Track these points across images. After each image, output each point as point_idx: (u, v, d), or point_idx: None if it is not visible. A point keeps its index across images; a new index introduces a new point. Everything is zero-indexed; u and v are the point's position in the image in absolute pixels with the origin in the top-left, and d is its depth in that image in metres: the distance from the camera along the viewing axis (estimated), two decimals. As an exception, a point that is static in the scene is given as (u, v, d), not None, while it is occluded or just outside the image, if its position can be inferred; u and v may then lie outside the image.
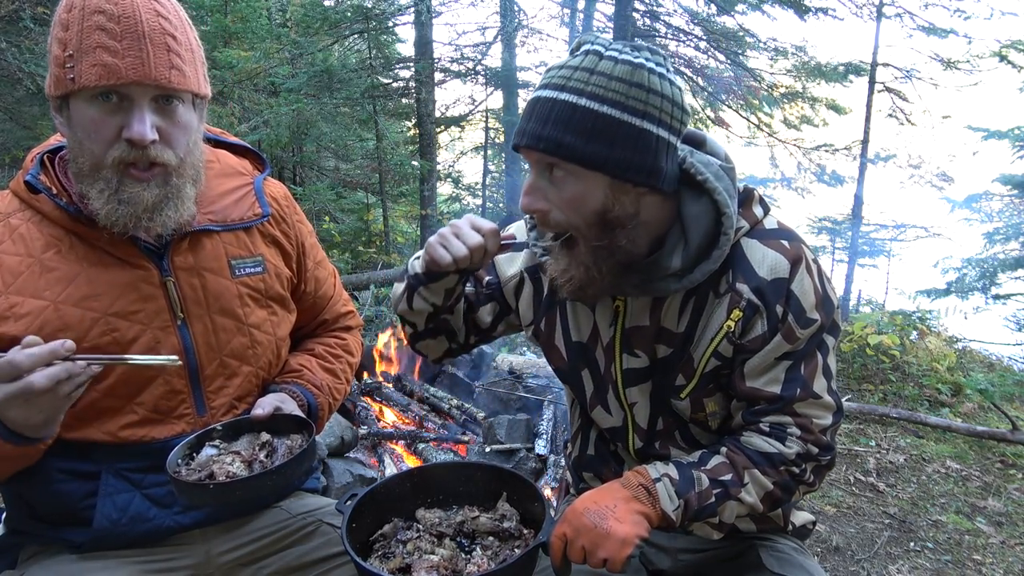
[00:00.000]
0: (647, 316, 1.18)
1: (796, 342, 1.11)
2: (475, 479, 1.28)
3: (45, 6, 5.49)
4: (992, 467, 3.89)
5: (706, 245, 1.10)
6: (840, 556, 2.92)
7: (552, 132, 1.01)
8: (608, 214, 1.06)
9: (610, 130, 1.00)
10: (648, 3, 9.09)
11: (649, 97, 1.00)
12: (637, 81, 0.99)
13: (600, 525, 1.06)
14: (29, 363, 0.94)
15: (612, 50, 1.01)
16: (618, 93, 0.99)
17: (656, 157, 1.03)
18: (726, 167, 1.13)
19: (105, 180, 1.09)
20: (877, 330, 5.33)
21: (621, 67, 0.99)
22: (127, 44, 1.02)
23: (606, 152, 1.00)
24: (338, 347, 1.51)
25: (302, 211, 1.47)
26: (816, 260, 1.15)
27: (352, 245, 8.35)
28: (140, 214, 1.10)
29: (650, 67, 1.01)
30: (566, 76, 1.02)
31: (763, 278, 1.10)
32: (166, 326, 1.19)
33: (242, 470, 1.12)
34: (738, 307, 1.11)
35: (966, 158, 9.43)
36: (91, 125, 1.06)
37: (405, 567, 1.11)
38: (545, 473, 3.13)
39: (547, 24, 16.18)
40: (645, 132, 1.01)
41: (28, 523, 1.22)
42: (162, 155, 1.09)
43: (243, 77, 7.00)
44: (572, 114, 1.00)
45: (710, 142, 1.16)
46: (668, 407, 1.23)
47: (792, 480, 1.14)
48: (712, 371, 1.16)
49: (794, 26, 15.88)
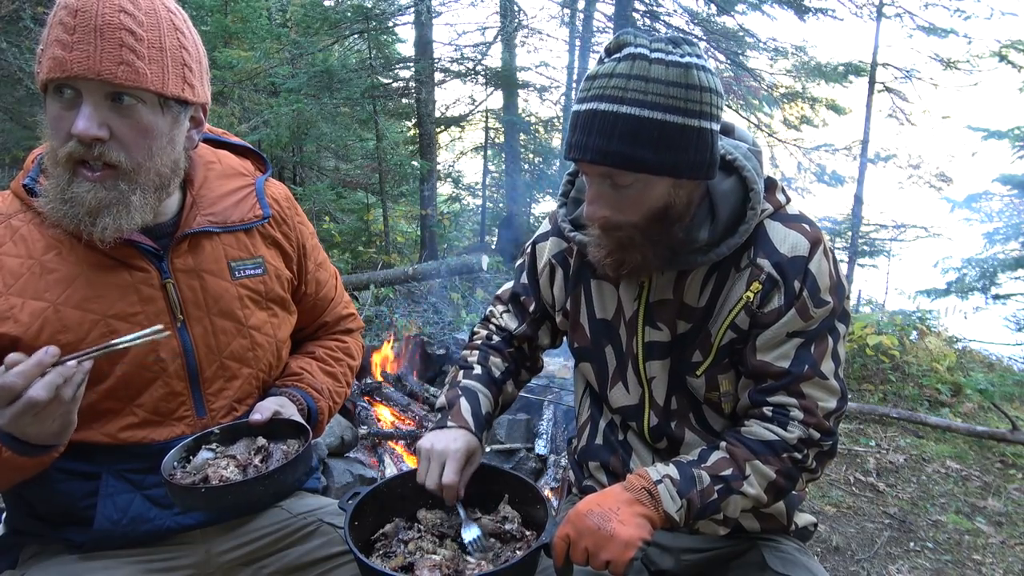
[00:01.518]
0: (671, 290, 1.22)
1: (809, 320, 1.14)
2: (477, 481, 1.28)
3: (45, 6, 5.49)
4: (992, 467, 3.89)
5: (733, 221, 1.14)
6: (840, 556, 2.92)
7: (619, 147, 1.02)
8: (670, 210, 1.10)
9: (677, 136, 1.02)
10: (648, 3, 9.08)
11: (703, 95, 1.02)
12: (691, 83, 1.01)
13: (603, 527, 1.06)
14: (23, 381, 0.93)
15: (657, 51, 1.02)
16: (678, 99, 1.01)
17: (713, 151, 1.07)
18: (754, 150, 1.18)
19: (57, 177, 1.07)
20: (877, 330, 5.33)
21: (673, 71, 1.01)
22: (78, 37, 1.00)
23: (675, 158, 1.03)
24: (339, 350, 1.51)
25: (303, 212, 1.47)
26: (833, 250, 1.19)
27: (352, 245, 8.34)
28: (82, 216, 1.07)
29: (697, 64, 1.02)
30: (621, 87, 1.01)
31: (784, 255, 1.14)
32: (166, 328, 1.18)
33: (236, 474, 1.12)
34: (758, 280, 1.15)
35: (966, 158, 9.43)
36: (51, 121, 1.06)
37: (407, 566, 1.11)
38: (545, 473, 3.13)
39: (547, 24, 16.18)
40: (704, 131, 1.04)
41: (29, 523, 1.22)
42: (112, 155, 1.05)
43: (243, 77, 7.00)
44: (639, 127, 1.01)
45: (739, 130, 1.22)
46: (684, 385, 1.26)
47: (794, 467, 1.15)
48: (728, 344, 1.19)
49: (794, 26, 15.89)
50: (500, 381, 1.42)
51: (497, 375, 1.42)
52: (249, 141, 1.48)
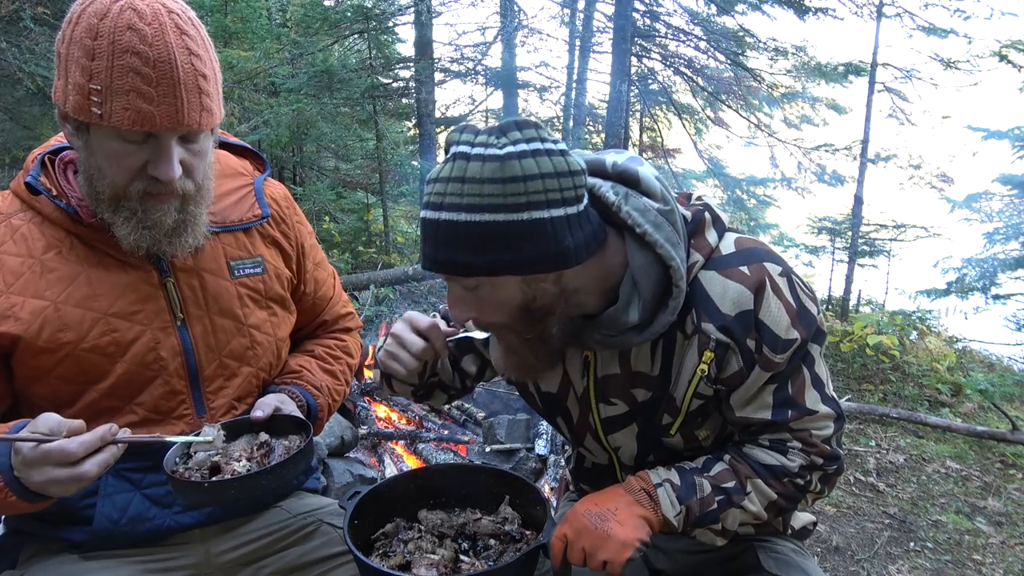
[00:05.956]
0: (617, 364, 1.15)
1: (777, 367, 1.07)
2: (478, 482, 1.28)
3: (45, 6, 5.49)
4: (992, 467, 3.89)
5: (660, 294, 1.05)
6: (840, 556, 2.92)
7: (444, 254, 0.97)
8: (532, 305, 1.02)
9: (499, 235, 0.94)
10: (648, 3, 9.08)
11: (527, 185, 0.92)
12: (509, 176, 0.92)
13: (601, 527, 1.06)
14: (82, 451, 0.95)
15: (477, 147, 0.94)
16: (494, 196, 0.92)
17: (557, 240, 0.96)
18: (664, 210, 1.05)
19: (130, 209, 1.10)
20: (877, 330, 5.33)
21: (489, 166, 0.92)
22: (162, 91, 1.01)
23: (503, 257, 0.95)
24: (338, 348, 1.51)
25: (302, 211, 1.47)
26: (786, 273, 1.08)
27: (352, 245, 8.34)
28: (161, 238, 1.12)
29: (519, 151, 0.92)
30: (441, 192, 0.96)
31: (727, 315, 1.05)
32: (166, 327, 1.19)
33: (239, 469, 1.12)
34: (708, 348, 1.07)
35: (966, 158, 9.41)
36: (115, 157, 1.06)
37: (405, 564, 1.11)
38: (545, 473, 3.13)
39: (547, 24, 16.20)
40: (535, 222, 0.94)
41: (28, 523, 1.22)
42: (184, 187, 1.11)
43: (243, 77, 7.00)
44: (456, 232, 0.95)
45: (644, 178, 1.07)
46: (660, 444, 1.21)
47: (796, 491, 1.12)
48: (697, 409, 1.14)
49: (794, 26, 15.87)
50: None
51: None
52: (249, 141, 1.48)
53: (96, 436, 0.97)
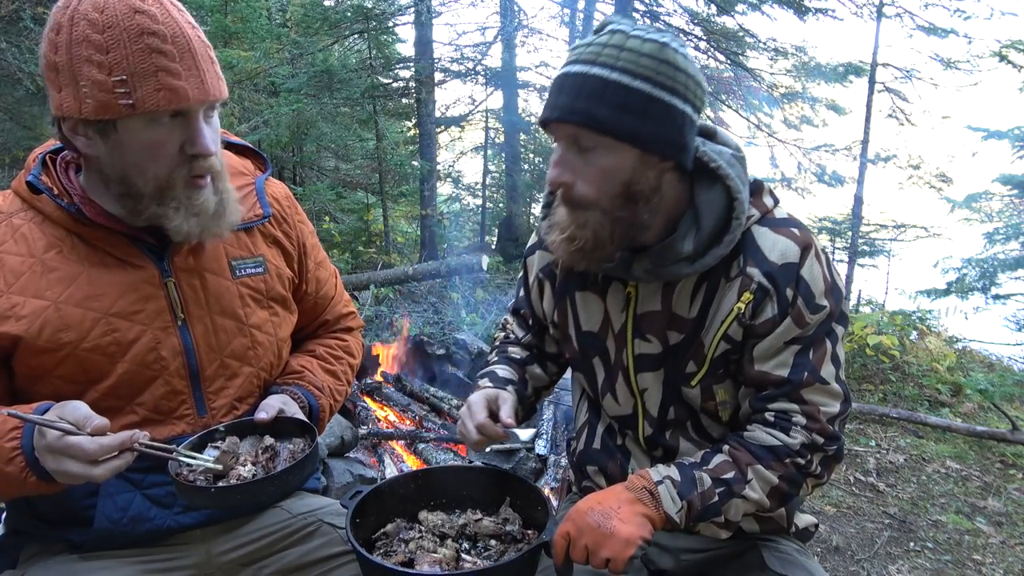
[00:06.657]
0: (658, 301, 1.20)
1: (805, 327, 1.12)
2: (480, 483, 1.28)
3: (45, 6, 5.48)
4: (992, 467, 3.89)
5: (718, 230, 1.12)
6: (840, 556, 2.92)
7: (585, 105, 1.03)
8: (633, 187, 1.08)
9: (641, 104, 1.02)
10: (648, 3, 9.09)
11: (676, 74, 1.03)
12: (665, 58, 1.03)
13: (604, 525, 1.06)
14: (101, 455, 0.96)
15: (638, 30, 1.04)
16: (648, 68, 1.02)
17: (682, 132, 1.06)
18: (738, 156, 1.15)
19: (176, 199, 1.10)
20: (877, 330, 5.33)
21: (649, 45, 1.02)
22: (186, 65, 1.02)
23: (638, 125, 1.03)
24: (339, 348, 1.51)
25: (303, 211, 1.47)
26: (825, 251, 1.17)
27: (352, 245, 8.33)
28: (208, 222, 1.13)
29: (675, 46, 1.04)
30: (595, 52, 1.04)
31: (774, 263, 1.12)
32: (167, 326, 1.19)
33: (244, 474, 1.12)
34: (749, 290, 1.13)
35: (966, 158, 9.40)
36: (153, 147, 1.06)
37: (407, 561, 1.11)
38: (545, 473, 3.13)
39: (547, 24, 16.18)
40: (673, 107, 1.04)
41: (29, 523, 1.22)
42: (213, 164, 1.12)
43: (243, 77, 6.99)
44: (604, 87, 1.02)
45: (721, 134, 1.19)
46: (680, 396, 1.24)
47: (798, 472, 1.13)
48: (722, 355, 1.17)
49: (794, 26, 15.91)
50: (521, 362, 1.46)
51: (517, 357, 1.46)
52: (249, 141, 1.47)
53: (117, 442, 0.97)
